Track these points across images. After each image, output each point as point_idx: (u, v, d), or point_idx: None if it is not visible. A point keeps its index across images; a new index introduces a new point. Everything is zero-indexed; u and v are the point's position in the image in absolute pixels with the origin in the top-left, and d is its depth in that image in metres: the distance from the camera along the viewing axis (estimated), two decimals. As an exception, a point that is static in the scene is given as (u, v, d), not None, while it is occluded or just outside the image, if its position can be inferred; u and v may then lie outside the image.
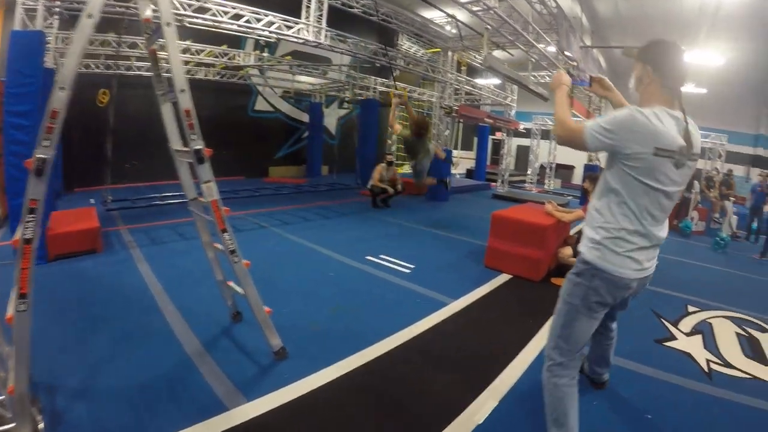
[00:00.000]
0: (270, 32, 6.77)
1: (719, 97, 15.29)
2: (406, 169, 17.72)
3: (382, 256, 5.33)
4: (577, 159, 20.19)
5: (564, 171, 20.47)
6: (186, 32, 8.10)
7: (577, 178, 21.04)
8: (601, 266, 1.87)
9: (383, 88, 12.39)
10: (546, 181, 18.19)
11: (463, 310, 3.92)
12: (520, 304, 4.27)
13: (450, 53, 9.96)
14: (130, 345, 2.95)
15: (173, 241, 5.49)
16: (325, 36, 7.41)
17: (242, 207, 7.73)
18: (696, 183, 9.61)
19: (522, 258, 4.98)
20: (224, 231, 2.64)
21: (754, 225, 9.79)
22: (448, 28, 10.15)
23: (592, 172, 10.27)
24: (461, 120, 12.79)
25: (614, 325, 2.62)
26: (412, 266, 5.06)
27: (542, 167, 18.59)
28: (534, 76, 11.77)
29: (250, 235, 6.02)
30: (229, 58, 9.80)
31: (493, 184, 15.40)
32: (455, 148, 16.51)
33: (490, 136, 17.75)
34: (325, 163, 14.17)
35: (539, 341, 3.40)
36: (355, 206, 8.92)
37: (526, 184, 17.59)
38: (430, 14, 10.14)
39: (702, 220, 9.95)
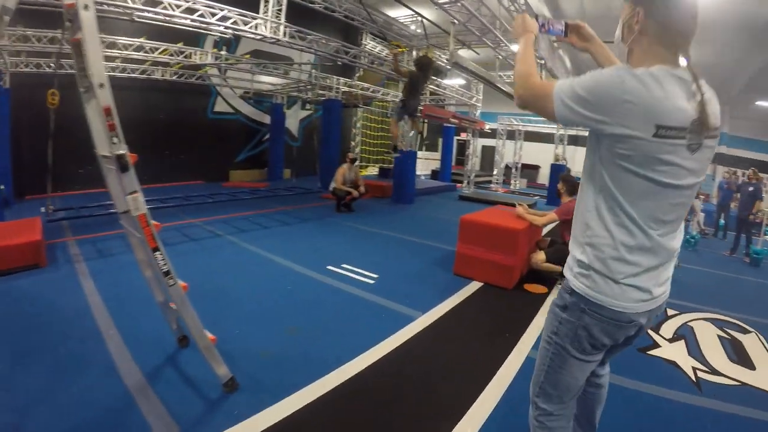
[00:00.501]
0: (226, 28, 6.29)
1: None
2: (371, 170, 17.48)
3: (344, 266, 4.92)
4: (544, 159, 20.49)
5: (529, 171, 20.65)
6: (139, 29, 7.57)
7: (543, 177, 21.28)
8: (593, 299, 1.36)
9: (346, 89, 11.98)
10: (512, 182, 18.23)
11: (433, 326, 3.55)
12: (494, 315, 3.95)
13: (415, 52, 9.65)
14: (65, 379, 2.49)
15: (122, 253, 4.87)
16: (284, 32, 6.96)
17: (198, 214, 7.13)
18: None
19: (493, 264, 4.67)
20: (155, 250, 2.18)
21: (722, 221, 9.96)
22: (413, 27, 9.86)
23: (565, 171, 10.18)
24: (426, 120, 12.52)
25: (604, 371, 1.83)
26: (376, 276, 4.66)
27: (507, 167, 18.64)
28: (501, 76, 11.68)
29: (203, 246, 5.48)
30: (185, 57, 9.19)
31: (459, 185, 15.24)
32: (420, 149, 16.29)
33: (455, 137, 17.63)
34: (287, 166, 13.67)
35: (517, 357, 3.09)
36: (317, 211, 8.46)
37: (492, 185, 17.55)
38: (395, 13, 9.83)
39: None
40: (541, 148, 20.02)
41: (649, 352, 3.41)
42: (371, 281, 4.51)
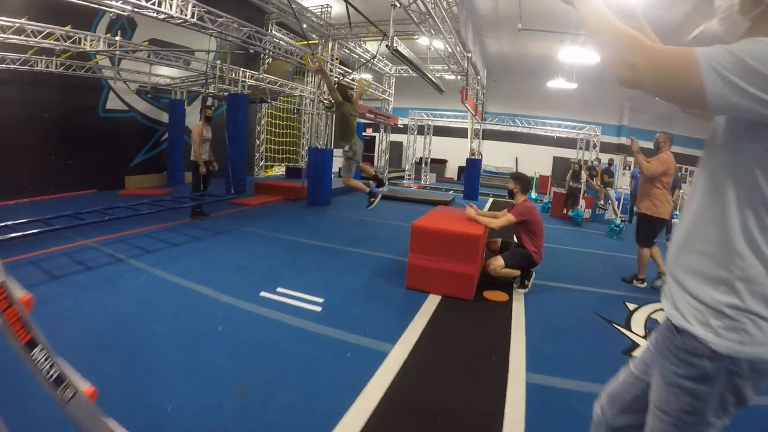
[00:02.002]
0: (124, 2, 5.09)
1: (587, 92, 17.26)
2: (276, 170, 16.35)
3: (279, 290, 4.12)
4: (452, 152, 21.02)
5: (437, 165, 21.04)
6: (20, 6, 5.92)
7: (450, 171, 21.90)
8: (750, 356, 0.98)
9: (252, 82, 10.84)
10: (423, 177, 18.35)
11: (411, 360, 2.96)
12: (467, 335, 3.49)
13: (331, 43, 8.94)
14: None
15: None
16: (193, 13, 5.84)
17: (92, 232, 5.67)
18: (583, 173, 10.17)
19: (452, 275, 4.23)
20: (31, 346, 1.26)
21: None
22: (321, 19, 9.13)
23: (517, 172, 10.06)
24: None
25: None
26: (320, 300, 3.95)
27: (416, 162, 18.74)
28: (433, 69, 11.43)
29: (102, 275, 4.26)
30: (72, 42, 7.66)
31: (372, 182, 14.80)
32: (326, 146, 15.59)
33: (362, 133, 17.18)
34: (189, 168, 12.05)
35: (517, 388, 2.65)
36: (230, 220, 7.40)
37: (404, 181, 17.47)
38: (307, 2, 9.02)
39: (588, 208, 10.60)
40: (447, 142, 20.50)
41: (633, 354, 3.28)
42: (317, 307, 3.79)
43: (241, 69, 10.47)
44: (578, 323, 3.90)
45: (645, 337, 3.57)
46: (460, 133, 19.84)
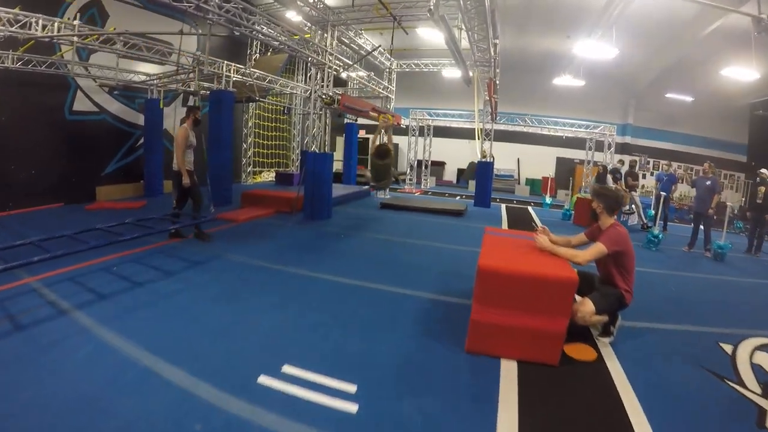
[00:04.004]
0: None
1: (592, 90, 16.27)
2: (265, 176, 14.95)
3: (287, 370, 2.74)
4: (450, 154, 19.77)
5: (435, 168, 19.76)
6: None
7: (449, 174, 20.66)
8: None
9: (238, 77, 9.41)
10: (423, 181, 17.11)
11: None
12: (574, 421, 2.34)
13: (330, 29, 7.56)
14: None
15: None
16: None
17: (37, 267, 4.11)
18: (609, 178, 9.03)
19: (533, 334, 2.95)
20: None
21: (650, 211, 9.79)
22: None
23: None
24: (341, 114, 10.54)
25: None
26: (352, 388, 2.59)
27: (414, 166, 17.45)
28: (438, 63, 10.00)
29: (34, 341, 2.91)
30: (21, 27, 6.30)
31: (371, 188, 13.48)
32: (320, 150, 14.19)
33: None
34: (169, 176, 10.58)
35: None
36: (212, 243, 5.99)
37: (405, 186, 16.17)
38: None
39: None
40: (444, 143, 19.23)
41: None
42: (351, 404, 2.44)
43: (225, 62, 9.03)
44: (691, 385, 2.97)
45: (764, 396, 2.84)
46: (459, 134, 18.66)
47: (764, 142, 14.50)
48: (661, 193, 9.09)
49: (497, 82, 9.06)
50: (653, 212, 9.65)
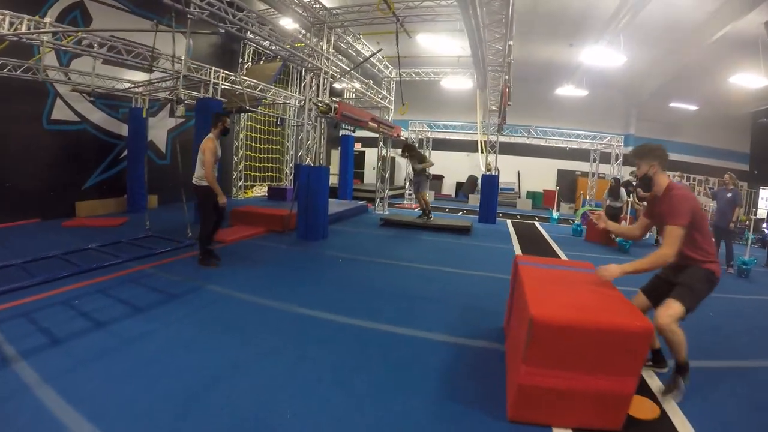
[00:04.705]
0: None
1: (595, 100, 15.87)
2: (258, 191, 14.30)
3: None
4: (448, 168, 19.19)
5: (433, 181, 19.10)
6: None
7: (448, 188, 20.06)
8: None
9: (227, 85, 8.76)
10: (422, 195, 16.48)
11: None
12: None
13: (327, 31, 6.95)
14: None
15: None
16: None
17: None
18: (623, 191, 8.43)
19: (595, 398, 2.27)
20: None
21: None
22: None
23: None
24: (337, 124, 9.91)
25: None
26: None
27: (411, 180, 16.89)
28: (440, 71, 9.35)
29: None
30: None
31: (369, 203, 12.84)
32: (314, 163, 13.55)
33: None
34: (153, 191, 9.98)
35: None
36: (194, 269, 5.29)
37: (404, 202, 15.54)
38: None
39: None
40: (443, 156, 18.62)
41: None
42: None
43: (213, 68, 8.39)
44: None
45: None
46: (457, 146, 18.15)
47: (767, 151, 14.20)
48: None
49: (510, 86, 8.48)
50: None
